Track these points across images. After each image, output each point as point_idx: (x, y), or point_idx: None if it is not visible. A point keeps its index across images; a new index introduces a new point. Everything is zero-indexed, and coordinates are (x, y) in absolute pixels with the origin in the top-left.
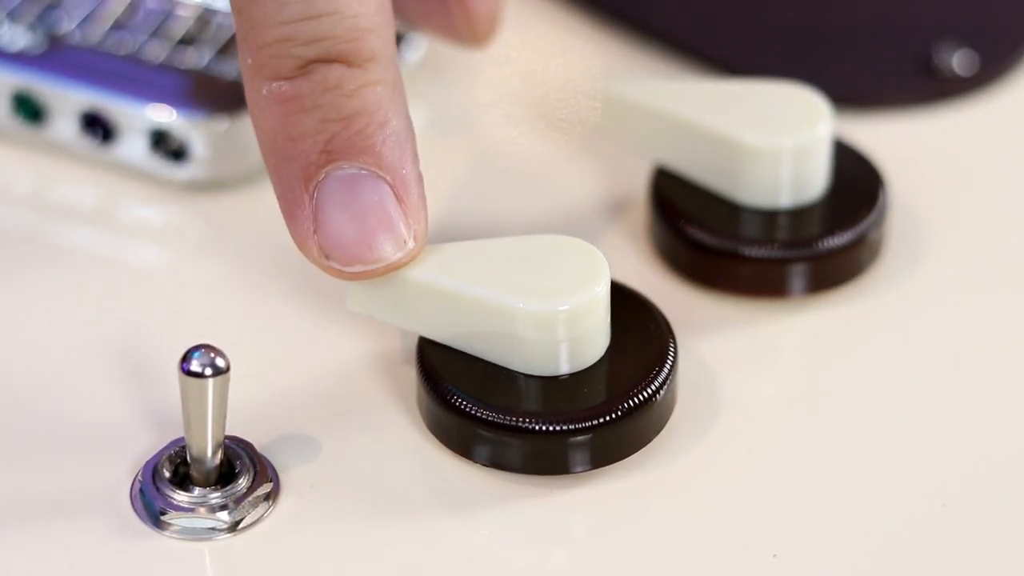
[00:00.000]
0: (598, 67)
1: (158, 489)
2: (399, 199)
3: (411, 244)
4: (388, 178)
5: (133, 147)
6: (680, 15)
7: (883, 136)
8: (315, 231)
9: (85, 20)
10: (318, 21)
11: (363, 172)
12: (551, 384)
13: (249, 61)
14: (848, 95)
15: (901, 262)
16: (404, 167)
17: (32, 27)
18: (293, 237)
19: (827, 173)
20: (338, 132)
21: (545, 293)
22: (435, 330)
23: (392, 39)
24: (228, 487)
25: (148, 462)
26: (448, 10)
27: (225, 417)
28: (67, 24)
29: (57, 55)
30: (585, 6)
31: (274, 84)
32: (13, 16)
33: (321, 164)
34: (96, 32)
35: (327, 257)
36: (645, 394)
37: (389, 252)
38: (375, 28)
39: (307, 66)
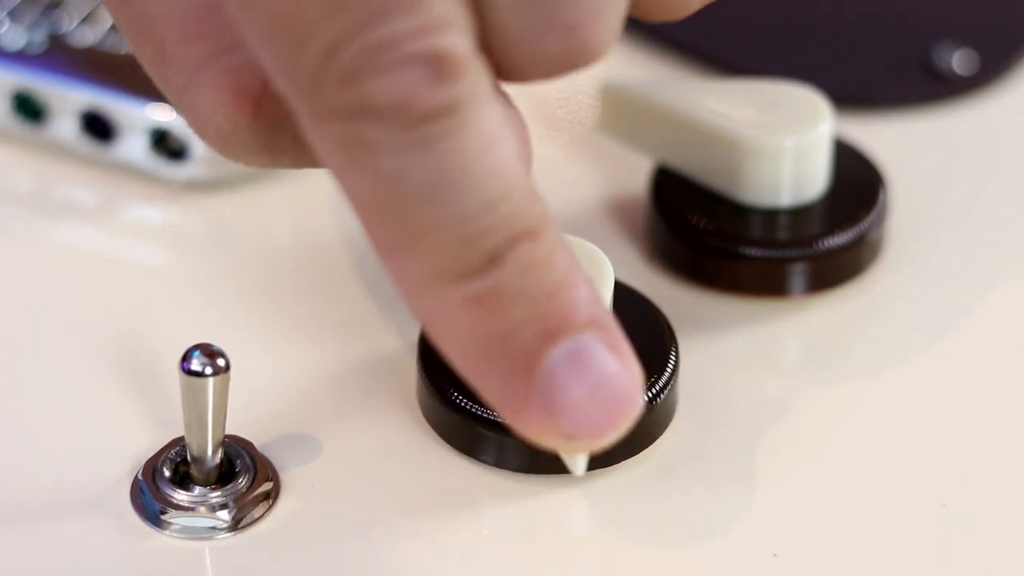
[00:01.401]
0: (598, 66)
1: (158, 488)
2: (616, 351)
3: (640, 397)
4: (601, 335)
5: (133, 147)
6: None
7: (883, 136)
8: (556, 419)
9: (85, 20)
10: (501, 206)
11: (584, 343)
12: None
13: (419, 271)
14: (848, 95)
15: (901, 261)
16: (608, 318)
17: (32, 27)
18: (527, 431)
19: (827, 172)
20: (549, 311)
21: None
22: None
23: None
24: (228, 486)
25: (148, 461)
26: None
27: (225, 416)
28: (67, 24)
29: (57, 55)
30: None
31: (467, 287)
32: (13, 16)
33: (543, 350)
34: (96, 32)
35: (573, 439)
36: (647, 396)
37: (632, 412)
38: (535, 189)
39: (497, 256)
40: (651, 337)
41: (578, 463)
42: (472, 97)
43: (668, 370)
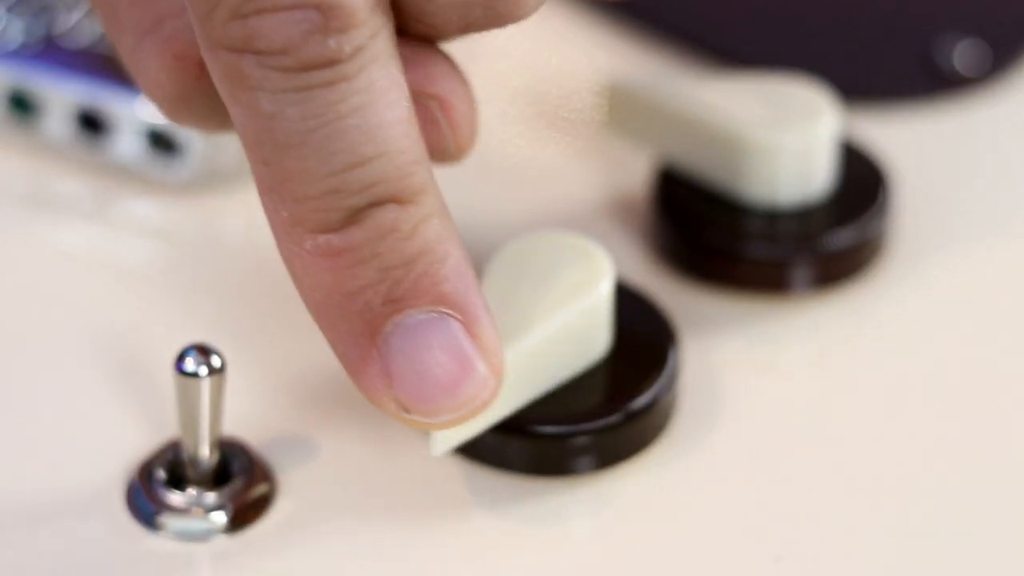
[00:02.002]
0: (601, 62)
1: (153, 490)
2: (473, 336)
3: (492, 381)
4: (458, 316)
5: (128, 145)
6: (685, 9)
7: (888, 133)
8: (391, 385)
9: (80, 19)
10: (368, 166)
11: (432, 316)
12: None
13: (284, 215)
14: (853, 92)
15: (905, 260)
16: (471, 301)
17: (27, 25)
18: (364, 393)
19: (831, 170)
20: (400, 278)
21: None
22: None
23: (429, 162)
24: (224, 488)
25: (143, 463)
26: (432, 118)
27: (221, 417)
28: (62, 22)
29: (52, 53)
30: (587, 1)
31: (321, 238)
32: (8, 14)
33: (387, 315)
34: (92, 30)
35: (407, 411)
36: (649, 395)
37: (473, 395)
38: (420, 159)
39: (357, 215)
40: (652, 335)
41: (434, 442)
42: (360, 51)
43: (669, 369)
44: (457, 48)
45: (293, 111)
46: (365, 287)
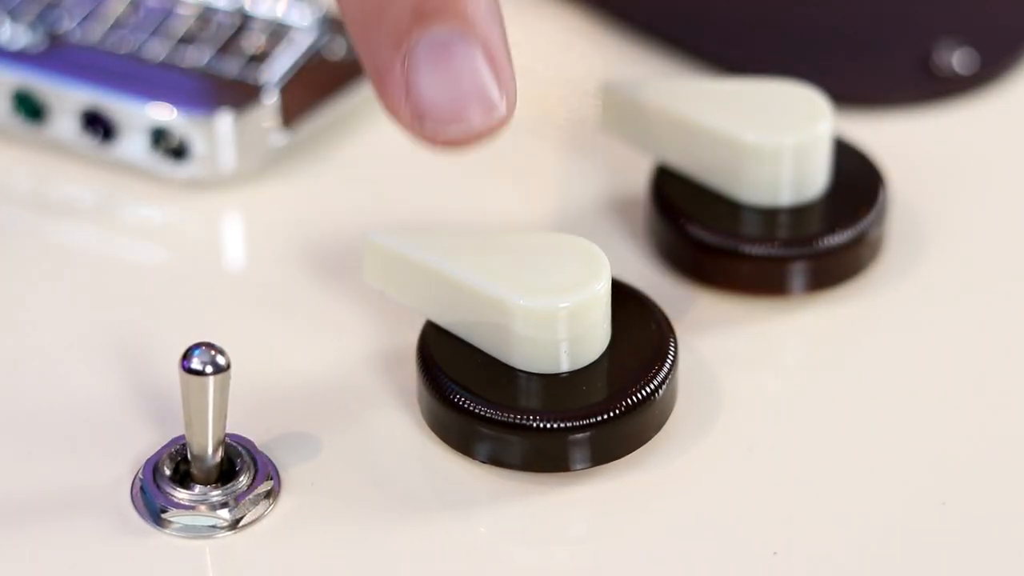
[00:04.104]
0: (598, 66)
1: (159, 487)
2: (491, 62)
3: (502, 109)
4: (481, 41)
5: (133, 145)
6: (680, 14)
7: (883, 135)
8: (408, 95)
9: (86, 19)
10: None
11: (455, 35)
12: (551, 382)
13: None
14: (848, 94)
15: (901, 260)
16: (494, 32)
17: (32, 26)
18: (384, 103)
19: (827, 171)
20: None
21: (545, 290)
22: (440, 314)
23: None
24: (229, 485)
25: (149, 460)
26: None
27: (226, 415)
28: (67, 22)
29: (57, 54)
30: (585, 5)
31: None
32: (14, 15)
33: (413, 27)
34: (97, 30)
35: (420, 120)
36: (645, 392)
37: (483, 116)
38: None
39: None
40: (650, 335)
41: (364, 267)
42: None
43: (667, 368)
44: None
45: None
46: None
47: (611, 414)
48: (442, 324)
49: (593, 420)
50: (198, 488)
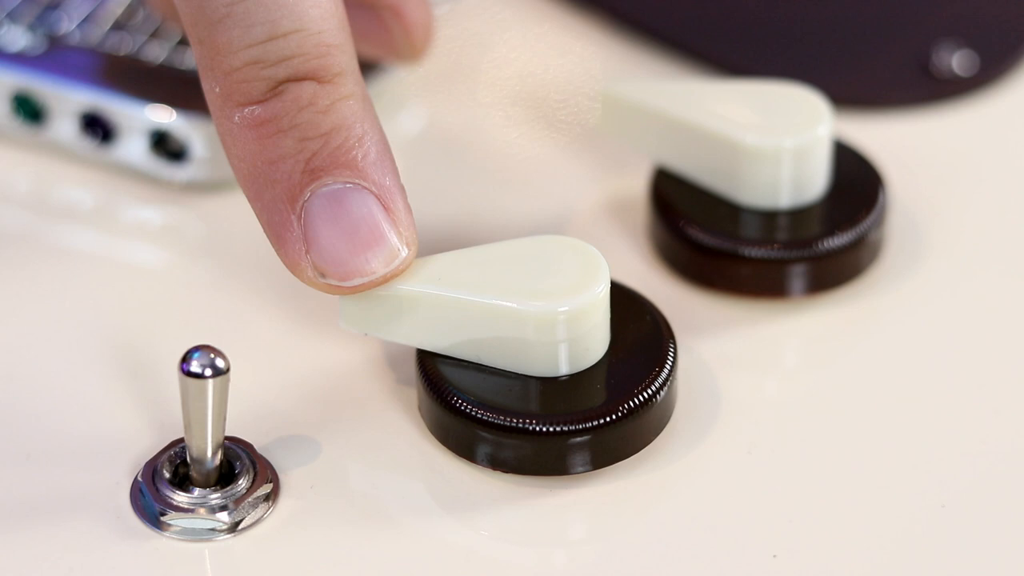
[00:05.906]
0: (598, 68)
1: (158, 490)
2: (386, 208)
3: (404, 252)
4: (373, 189)
5: (133, 147)
6: (680, 15)
7: (883, 136)
8: (307, 251)
9: (85, 21)
10: (285, 40)
11: (348, 186)
12: (551, 385)
13: (217, 90)
14: (848, 95)
15: (901, 262)
16: (386, 178)
17: (32, 27)
18: (284, 260)
19: (827, 173)
20: (318, 149)
21: (545, 294)
22: (433, 341)
23: (355, 54)
24: (228, 488)
25: (148, 463)
26: (385, 26)
27: (225, 418)
28: (67, 24)
29: (57, 55)
30: (585, 7)
31: (246, 110)
32: (13, 17)
33: (305, 183)
34: (96, 33)
35: (323, 275)
36: (645, 395)
37: (384, 262)
38: (340, 43)
39: (278, 87)
40: (649, 337)
41: (343, 315)
42: None
43: (666, 370)
44: (461, 58)
45: None
46: (286, 156)
47: (611, 417)
48: (436, 350)
49: (593, 423)
50: (197, 491)
